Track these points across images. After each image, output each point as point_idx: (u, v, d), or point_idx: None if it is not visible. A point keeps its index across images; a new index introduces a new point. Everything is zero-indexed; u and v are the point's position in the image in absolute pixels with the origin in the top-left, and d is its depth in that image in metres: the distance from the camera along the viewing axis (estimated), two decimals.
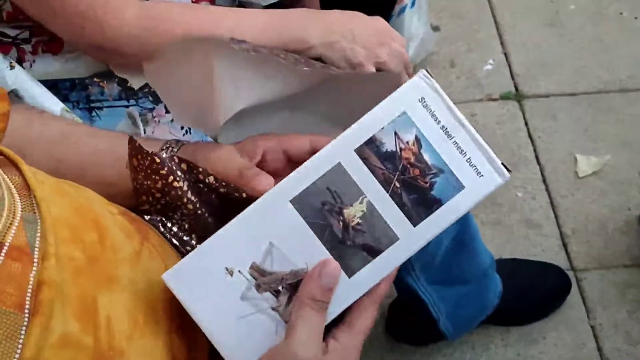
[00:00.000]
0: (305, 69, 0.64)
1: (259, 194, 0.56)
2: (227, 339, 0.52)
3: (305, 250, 0.52)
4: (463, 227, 1.06)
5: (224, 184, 0.61)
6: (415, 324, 1.25)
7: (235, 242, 0.52)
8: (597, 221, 1.48)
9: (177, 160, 0.62)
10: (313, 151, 0.58)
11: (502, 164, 0.52)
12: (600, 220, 1.48)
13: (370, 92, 0.58)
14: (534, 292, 1.32)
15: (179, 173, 0.62)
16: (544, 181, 1.55)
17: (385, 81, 0.59)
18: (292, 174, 0.52)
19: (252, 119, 0.71)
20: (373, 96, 0.57)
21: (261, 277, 0.52)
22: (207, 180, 0.62)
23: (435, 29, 1.82)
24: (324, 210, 0.51)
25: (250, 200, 0.58)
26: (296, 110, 0.73)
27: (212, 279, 0.52)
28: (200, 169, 0.62)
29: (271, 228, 0.52)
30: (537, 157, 1.59)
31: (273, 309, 0.52)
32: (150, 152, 0.62)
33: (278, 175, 0.60)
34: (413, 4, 1.62)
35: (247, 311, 0.52)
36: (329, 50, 0.85)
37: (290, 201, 0.51)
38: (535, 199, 1.53)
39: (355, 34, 0.85)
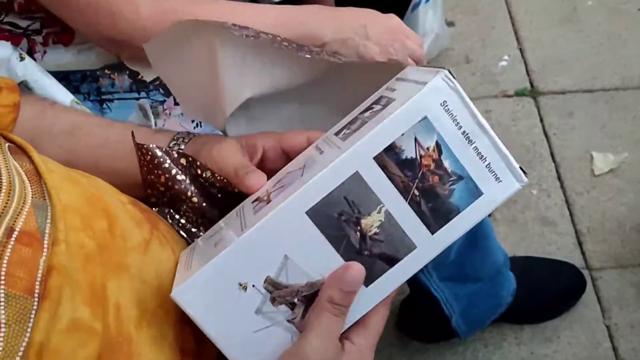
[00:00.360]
0: (307, 56, 0.63)
1: (247, 191, 0.57)
2: (242, 353, 0.51)
3: (321, 261, 0.50)
4: (476, 224, 1.04)
5: (219, 178, 0.61)
6: (428, 321, 1.24)
7: (248, 257, 0.50)
8: (613, 219, 1.46)
9: (176, 155, 0.62)
10: None
11: (520, 168, 0.51)
12: (617, 218, 1.46)
13: (377, 82, 0.57)
14: (548, 290, 1.31)
15: (179, 167, 0.62)
16: (559, 179, 1.54)
17: (390, 70, 0.58)
18: (307, 185, 0.49)
19: (261, 112, 0.71)
20: (380, 86, 0.56)
21: (276, 291, 0.50)
22: (204, 175, 0.62)
23: (450, 24, 1.81)
24: (340, 221, 0.49)
25: (243, 194, 0.58)
26: (305, 103, 0.72)
27: (225, 295, 0.50)
28: (199, 164, 0.62)
29: (285, 241, 0.49)
30: (552, 155, 1.58)
31: (289, 321, 0.51)
32: (149, 146, 0.62)
33: None
34: None
35: (262, 324, 0.51)
36: (342, 47, 0.84)
37: (305, 212, 0.49)
38: (550, 196, 1.51)
39: (369, 31, 0.85)
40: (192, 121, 0.89)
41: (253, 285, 0.50)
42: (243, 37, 0.62)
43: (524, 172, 0.51)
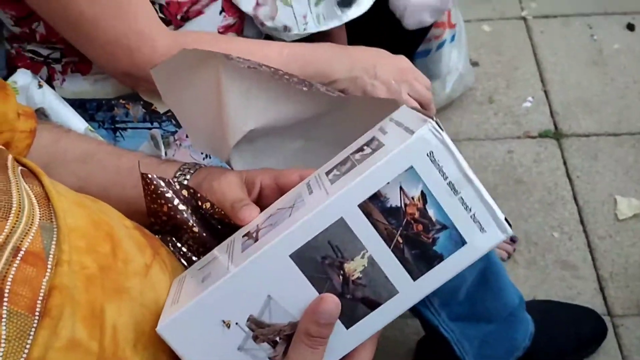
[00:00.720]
0: (304, 89, 0.64)
1: (240, 223, 0.58)
2: None
3: (303, 303, 0.51)
4: (486, 264, 1.03)
5: (217, 210, 0.63)
6: None
7: (232, 296, 0.51)
8: (637, 265, 1.43)
9: (178, 187, 0.63)
10: None
11: (505, 219, 0.51)
12: None
13: (378, 119, 0.57)
14: (568, 335, 1.28)
15: (180, 198, 0.63)
16: (582, 222, 1.51)
17: (384, 106, 0.58)
18: (292, 228, 0.50)
19: (267, 147, 0.72)
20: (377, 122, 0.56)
21: (259, 329, 0.51)
22: (204, 206, 0.63)
23: (475, 64, 1.81)
24: (324, 265, 0.50)
25: (240, 227, 0.59)
26: (310, 139, 0.73)
27: (209, 331, 0.51)
28: (199, 195, 0.64)
29: (269, 282, 0.50)
30: (575, 198, 1.55)
31: (270, 358, 0.52)
32: (153, 176, 0.63)
33: None
34: (453, 38, 1.61)
35: None
36: (351, 85, 0.85)
37: (289, 255, 0.50)
38: (572, 240, 1.48)
39: (377, 71, 0.86)
40: (202, 152, 0.90)
41: (236, 323, 0.51)
42: (245, 68, 0.63)
43: (509, 224, 0.51)
